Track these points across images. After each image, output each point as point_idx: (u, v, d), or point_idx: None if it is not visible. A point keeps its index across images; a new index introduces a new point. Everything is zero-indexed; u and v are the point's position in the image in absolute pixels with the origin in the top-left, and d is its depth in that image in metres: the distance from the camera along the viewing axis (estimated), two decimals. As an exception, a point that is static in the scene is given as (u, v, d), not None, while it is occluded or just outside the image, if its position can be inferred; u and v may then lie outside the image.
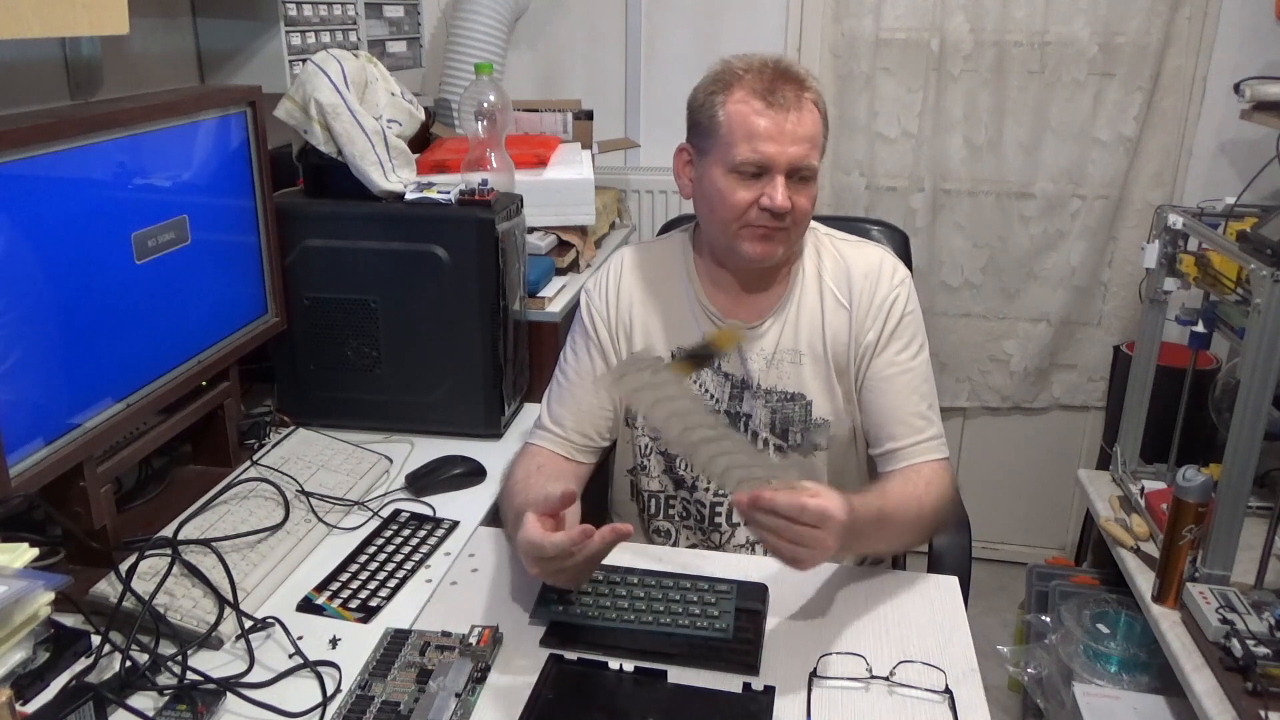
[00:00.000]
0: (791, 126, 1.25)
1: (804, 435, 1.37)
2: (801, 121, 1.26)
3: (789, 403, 1.37)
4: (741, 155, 1.25)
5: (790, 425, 1.37)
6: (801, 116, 1.26)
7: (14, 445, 1.01)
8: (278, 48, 1.64)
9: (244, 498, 1.27)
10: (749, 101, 1.26)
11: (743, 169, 1.26)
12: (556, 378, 1.42)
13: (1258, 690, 1.26)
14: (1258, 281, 1.36)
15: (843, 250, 1.38)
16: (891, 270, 1.36)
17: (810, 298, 1.37)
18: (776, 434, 1.38)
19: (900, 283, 1.35)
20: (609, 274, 1.43)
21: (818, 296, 1.36)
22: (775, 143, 1.25)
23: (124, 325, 1.18)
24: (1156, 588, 1.51)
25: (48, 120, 1.06)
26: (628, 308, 1.40)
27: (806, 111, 1.26)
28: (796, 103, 1.26)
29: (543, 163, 1.88)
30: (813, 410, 1.37)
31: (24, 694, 0.93)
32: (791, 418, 1.37)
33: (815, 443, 1.37)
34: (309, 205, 1.52)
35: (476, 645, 1.03)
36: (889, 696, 1.00)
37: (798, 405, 1.37)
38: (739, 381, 1.38)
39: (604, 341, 1.40)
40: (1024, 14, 2.28)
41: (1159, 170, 2.36)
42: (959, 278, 2.51)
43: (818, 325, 1.36)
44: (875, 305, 1.33)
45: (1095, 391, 2.57)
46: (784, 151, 1.25)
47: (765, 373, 1.37)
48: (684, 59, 2.47)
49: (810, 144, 1.27)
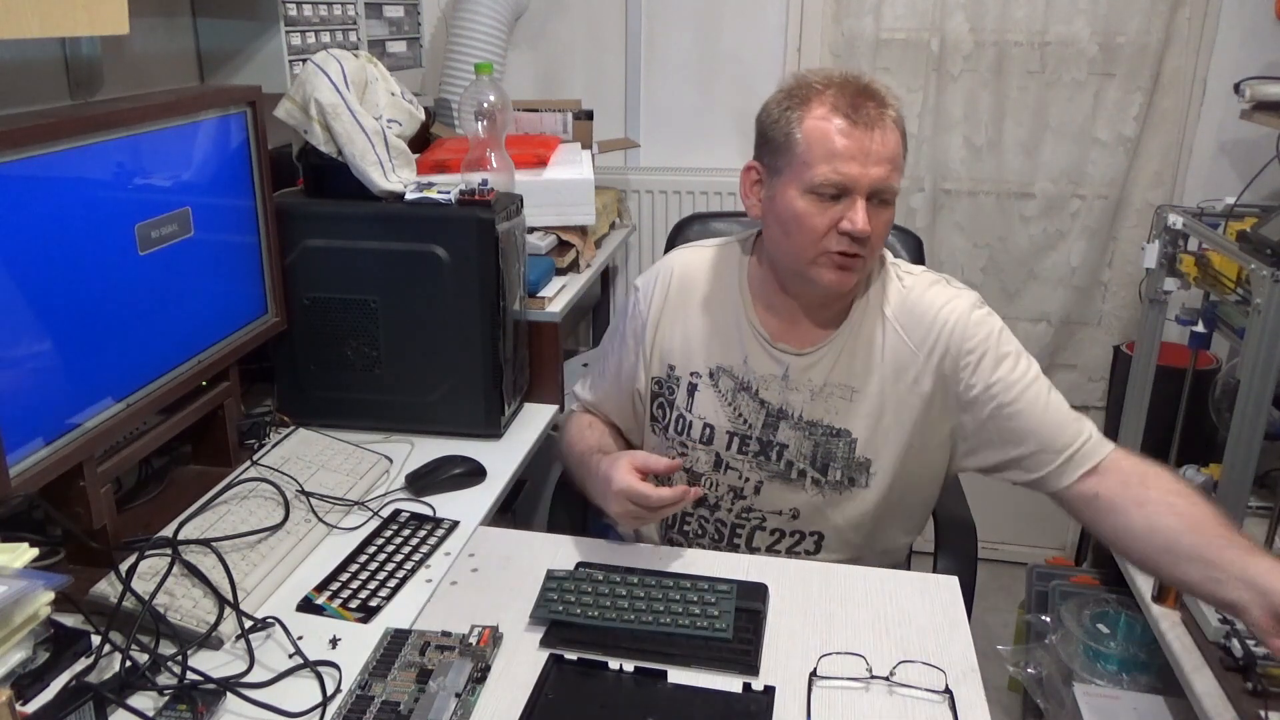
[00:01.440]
0: (876, 146, 1.19)
1: (843, 472, 1.30)
2: (885, 141, 1.19)
3: (833, 438, 1.30)
4: (821, 175, 1.19)
5: (832, 460, 1.30)
6: (885, 136, 1.20)
7: (14, 445, 1.01)
8: (278, 48, 1.64)
9: (244, 498, 1.27)
10: (830, 119, 1.19)
11: (822, 190, 1.19)
12: (598, 355, 1.48)
13: (1258, 690, 1.26)
14: (1258, 281, 1.36)
15: (910, 284, 1.31)
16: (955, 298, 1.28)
17: (869, 329, 1.29)
18: (816, 468, 1.31)
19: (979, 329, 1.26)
20: (658, 278, 1.39)
21: (877, 329, 1.29)
22: (858, 163, 1.18)
23: (124, 324, 1.18)
24: (1156, 588, 1.51)
25: (48, 120, 1.06)
26: (671, 317, 1.37)
27: (889, 130, 1.20)
28: (880, 120, 1.20)
29: (543, 163, 1.88)
30: (856, 448, 1.30)
31: (24, 694, 0.93)
32: (834, 453, 1.30)
33: (854, 479, 1.30)
34: (309, 205, 1.52)
35: (476, 645, 1.03)
36: (889, 696, 1.00)
37: (842, 442, 1.30)
38: (775, 410, 1.32)
39: (636, 346, 1.40)
40: (1024, 14, 2.28)
41: (1159, 170, 2.36)
42: (959, 278, 2.48)
43: (875, 359, 1.29)
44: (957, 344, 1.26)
45: (1095, 391, 2.57)
46: (866, 173, 1.19)
47: (810, 404, 1.30)
48: (684, 59, 2.47)
49: (892, 165, 1.21)
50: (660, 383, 1.39)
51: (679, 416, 1.37)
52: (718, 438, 1.34)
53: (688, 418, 1.36)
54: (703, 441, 1.35)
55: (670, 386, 1.38)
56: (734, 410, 1.34)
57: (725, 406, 1.34)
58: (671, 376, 1.38)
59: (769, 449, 1.32)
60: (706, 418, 1.35)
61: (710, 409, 1.34)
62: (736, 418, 1.33)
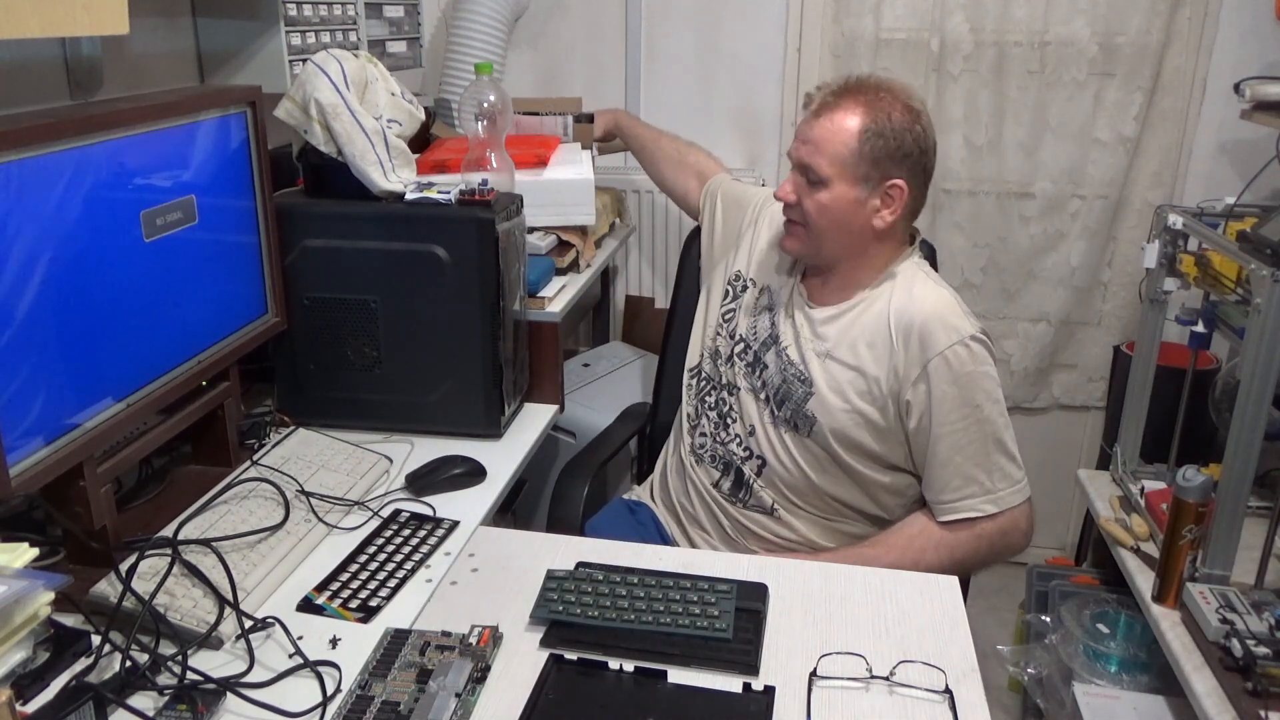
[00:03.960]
0: (805, 128, 1.42)
1: (791, 415, 1.48)
2: (818, 126, 1.39)
3: (798, 383, 1.47)
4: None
5: (788, 399, 1.49)
6: (819, 121, 1.39)
7: (14, 445, 1.01)
8: (278, 48, 1.64)
9: (244, 498, 1.27)
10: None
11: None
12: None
13: (1258, 690, 1.26)
14: (1258, 281, 1.36)
15: (916, 292, 1.44)
16: (953, 326, 1.39)
17: (871, 320, 1.44)
18: (775, 400, 1.50)
19: (957, 341, 1.38)
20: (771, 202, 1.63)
21: (876, 325, 1.44)
22: (797, 140, 1.43)
23: (123, 324, 1.18)
24: (1156, 588, 1.51)
25: (48, 120, 1.06)
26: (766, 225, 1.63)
27: (829, 118, 1.38)
28: (828, 108, 1.39)
29: (543, 163, 1.88)
30: (810, 401, 1.46)
31: (24, 694, 0.93)
32: (792, 394, 1.48)
33: (797, 425, 1.47)
34: (309, 205, 1.52)
35: (476, 645, 1.03)
36: (889, 696, 1.00)
37: (802, 389, 1.47)
38: (774, 335, 1.53)
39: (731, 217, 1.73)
40: (1024, 14, 2.28)
41: (1159, 170, 2.36)
42: (959, 278, 2.51)
43: (862, 348, 1.44)
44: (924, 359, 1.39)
45: (1095, 391, 2.57)
46: (795, 149, 1.43)
47: (795, 347, 1.50)
48: (684, 59, 2.47)
49: (813, 146, 1.39)
50: (734, 279, 1.66)
51: (732, 308, 1.63)
52: (736, 336, 1.59)
53: (736, 312, 1.62)
54: (730, 335, 1.61)
55: (739, 285, 1.64)
56: (753, 321, 1.57)
57: (751, 315, 1.58)
58: (739, 277, 1.64)
59: (757, 365, 1.54)
60: (739, 317, 1.60)
61: (744, 311, 1.60)
62: (752, 328, 1.57)
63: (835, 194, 1.40)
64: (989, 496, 1.40)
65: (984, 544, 1.42)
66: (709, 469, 1.58)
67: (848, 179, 1.39)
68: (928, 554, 1.40)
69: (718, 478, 1.56)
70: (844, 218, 1.42)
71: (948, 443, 1.39)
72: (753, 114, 2.49)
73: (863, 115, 1.37)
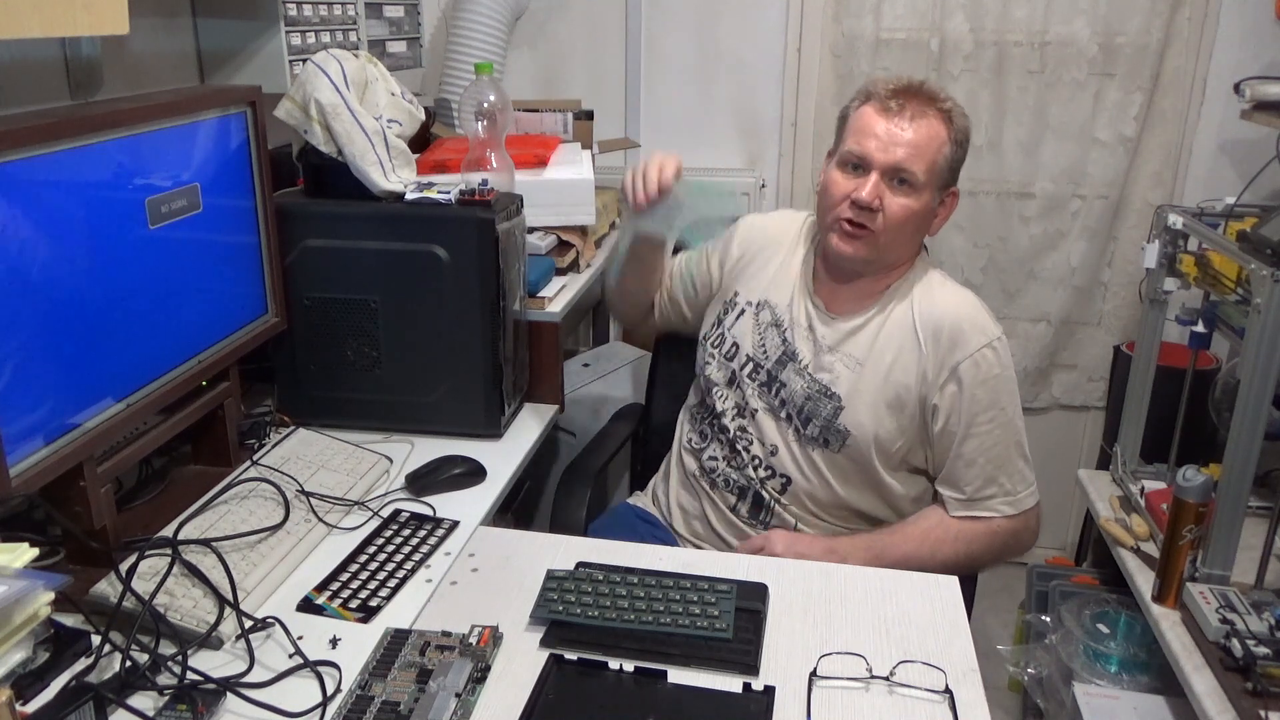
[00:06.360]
0: (901, 132, 1.36)
1: (820, 431, 1.44)
2: (916, 130, 1.36)
3: (825, 398, 1.44)
4: (847, 148, 1.39)
5: (815, 417, 1.45)
6: (915, 125, 1.36)
7: (14, 445, 1.01)
8: (278, 48, 1.64)
9: (244, 498, 1.27)
10: (872, 106, 1.39)
11: (845, 161, 1.40)
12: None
13: (1258, 690, 1.26)
14: (1258, 281, 1.36)
15: (939, 295, 1.45)
16: (981, 328, 1.41)
17: (895, 327, 1.43)
18: (800, 418, 1.46)
19: (985, 344, 1.40)
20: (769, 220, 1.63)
21: (902, 330, 1.43)
22: (879, 142, 1.36)
23: (123, 324, 1.18)
24: (1156, 588, 1.51)
25: (48, 120, 1.06)
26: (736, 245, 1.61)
27: (926, 125, 1.36)
28: (915, 113, 1.37)
29: (543, 163, 1.88)
30: (840, 416, 1.43)
31: (24, 694, 0.93)
32: (819, 411, 1.44)
33: (828, 440, 1.44)
34: (309, 205, 1.52)
35: (476, 645, 1.03)
36: (889, 696, 1.00)
37: (830, 405, 1.44)
38: (790, 352, 1.48)
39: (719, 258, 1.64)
40: (1024, 14, 2.28)
41: (1159, 170, 2.36)
42: (959, 277, 2.48)
43: (889, 355, 1.42)
44: (953, 361, 1.39)
45: (1095, 391, 2.57)
46: (885, 152, 1.36)
47: (816, 360, 1.46)
48: (684, 59, 2.47)
49: (914, 151, 1.36)
50: (725, 304, 1.60)
51: (721, 333, 1.58)
52: (738, 357, 1.54)
53: (727, 335, 1.57)
54: (726, 357, 1.56)
55: (728, 308, 1.59)
56: (760, 339, 1.52)
57: (755, 334, 1.53)
58: (731, 300, 1.59)
59: (773, 383, 1.49)
60: (738, 338, 1.55)
61: (743, 331, 1.55)
62: (760, 346, 1.52)
63: (922, 200, 1.39)
64: (1008, 499, 1.42)
65: (998, 541, 1.43)
66: (724, 494, 1.53)
67: (932, 186, 1.40)
68: (945, 546, 1.40)
69: (734, 502, 1.52)
70: (918, 224, 1.42)
71: (974, 444, 1.40)
72: (753, 114, 2.49)
73: (947, 123, 1.39)
